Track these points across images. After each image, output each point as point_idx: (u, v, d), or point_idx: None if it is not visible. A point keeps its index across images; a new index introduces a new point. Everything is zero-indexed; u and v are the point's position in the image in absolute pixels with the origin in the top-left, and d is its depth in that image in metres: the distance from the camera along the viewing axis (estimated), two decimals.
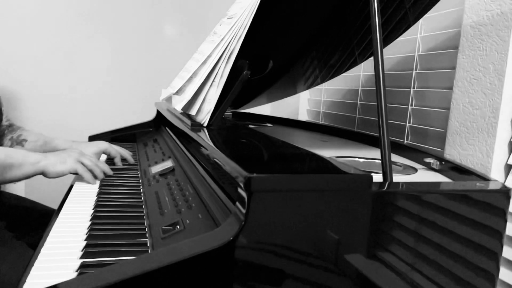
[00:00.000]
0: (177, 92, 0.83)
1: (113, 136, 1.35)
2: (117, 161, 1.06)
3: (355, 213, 0.48)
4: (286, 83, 1.20)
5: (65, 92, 1.79)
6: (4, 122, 1.20)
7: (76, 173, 0.89)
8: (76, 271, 0.51)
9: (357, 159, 0.84)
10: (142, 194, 0.82)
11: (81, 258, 0.55)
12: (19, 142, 1.14)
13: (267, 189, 0.44)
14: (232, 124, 1.15)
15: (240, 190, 0.45)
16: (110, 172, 0.94)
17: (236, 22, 0.74)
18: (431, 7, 0.85)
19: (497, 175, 0.84)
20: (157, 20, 1.88)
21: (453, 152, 0.94)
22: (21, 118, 1.74)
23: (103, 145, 1.08)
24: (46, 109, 1.77)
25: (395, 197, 0.50)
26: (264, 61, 1.00)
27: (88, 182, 0.88)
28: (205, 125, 0.79)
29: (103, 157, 1.11)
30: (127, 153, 1.09)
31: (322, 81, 1.17)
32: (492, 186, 0.58)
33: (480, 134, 0.87)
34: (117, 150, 1.07)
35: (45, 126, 1.76)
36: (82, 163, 0.89)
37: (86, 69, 1.81)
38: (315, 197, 0.46)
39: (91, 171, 0.89)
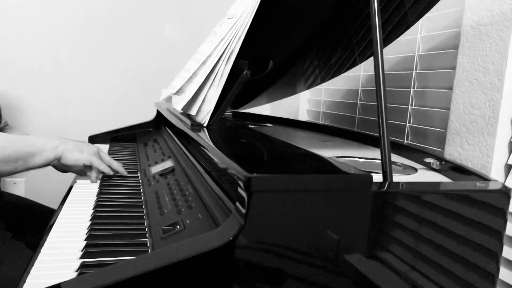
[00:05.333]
0: (177, 92, 0.83)
1: (113, 136, 1.35)
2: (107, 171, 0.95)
3: (355, 213, 0.48)
4: (286, 83, 1.20)
5: (65, 92, 1.79)
6: (2, 125, 1.21)
7: (83, 168, 0.89)
8: (76, 271, 0.51)
9: (357, 159, 0.84)
10: (142, 194, 0.82)
11: (81, 258, 0.55)
12: None
13: (267, 189, 0.44)
14: (232, 124, 1.15)
15: (240, 190, 0.45)
16: (125, 172, 0.94)
17: (236, 22, 0.74)
18: (431, 7, 0.85)
19: (497, 175, 0.84)
20: (157, 20, 1.88)
21: (453, 152, 0.94)
22: (21, 118, 1.74)
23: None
24: (46, 109, 1.77)
25: (395, 197, 0.50)
26: (264, 61, 1.00)
27: (103, 173, 0.90)
28: (205, 125, 0.79)
29: None
30: (120, 167, 0.96)
31: (322, 81, 1.17)
32: (492, 186, 0.58)
33: (480, 134, 0.87)
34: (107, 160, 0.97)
35: (45, 126, 1.77)
36: (98, 158, 0.89)
37: (86, 69, 1.81)
38: (315, 197, 0.46)
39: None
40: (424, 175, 0.74)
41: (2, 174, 0.77)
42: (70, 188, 0.87)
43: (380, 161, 0.59)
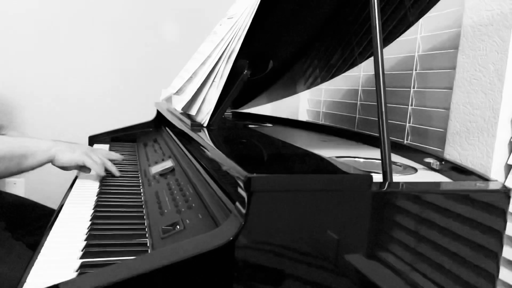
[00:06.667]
0: (177, 92, 0.83)
1: (113, 136, 1.35)
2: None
3: (355, 213, 0.48)
4: (286, 83, 1.20)
5: (65, 92, 1.79)
6: None
7: (79, 168, 0.89)
8: (76, 271, 0.51)
9: (357, 159, 0.84)
10: (142, 194, 0.82)
11: (81, 258, 0.55)
12: None
13: (267, 189, 0.44)
14: (232, 124, 1.15)
15: (240, 190, 0.45)
16: (117, 173, 0.94)
17: (236, 22, 0.74)
18: (431, 7, 0.85)
19: (497, 175, 0.84)
20: (157, 20, 1.88)
21: (453, 152, 0.94)
22: (20, 118, 1.74)
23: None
24: (46, 109, 1.77)
25: (395, 197, 0.50)
26: (264, 61, 1.00)
27: (97, 174, 0.89)
28: (205, 125, 0.79)
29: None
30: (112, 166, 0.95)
31: (322, 81, 1.17)
32: (492, 186, 0.58)
33: (480, 134, 0.87)
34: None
35: (45, 126, 1.76)
36: (91, 158, 0.89)
37: (86, 69, 1.81)
38: (315, 197, 0.46)
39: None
40: (424, 175, 0.74)
41: None
42: (70, 188, 0.87)
43: (380, 161, 0.59)
